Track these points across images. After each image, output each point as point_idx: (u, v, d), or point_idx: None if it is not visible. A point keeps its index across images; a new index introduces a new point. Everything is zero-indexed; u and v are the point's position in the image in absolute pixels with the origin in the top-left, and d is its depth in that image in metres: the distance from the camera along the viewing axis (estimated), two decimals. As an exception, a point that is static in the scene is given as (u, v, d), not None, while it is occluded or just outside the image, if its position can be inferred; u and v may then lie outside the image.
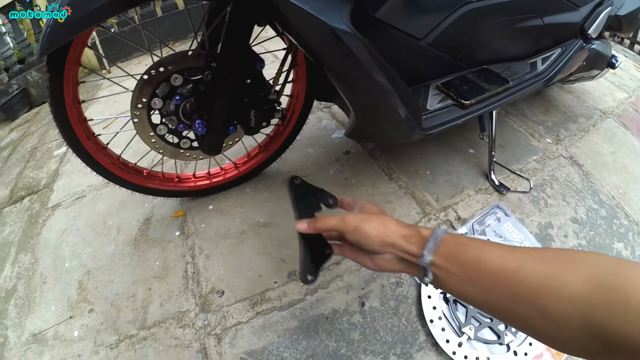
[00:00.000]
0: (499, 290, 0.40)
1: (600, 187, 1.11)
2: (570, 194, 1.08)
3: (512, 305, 0.39)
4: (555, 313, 0.36)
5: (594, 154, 1.23)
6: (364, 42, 0.58)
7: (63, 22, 0.61)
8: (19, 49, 2.51)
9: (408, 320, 0.79)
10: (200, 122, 0.73)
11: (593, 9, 1.10)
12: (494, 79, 0.96)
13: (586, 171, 1.16)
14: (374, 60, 0.60)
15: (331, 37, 0.55)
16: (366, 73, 0.62)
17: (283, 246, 0.94)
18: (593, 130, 1.34)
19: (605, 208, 1.05)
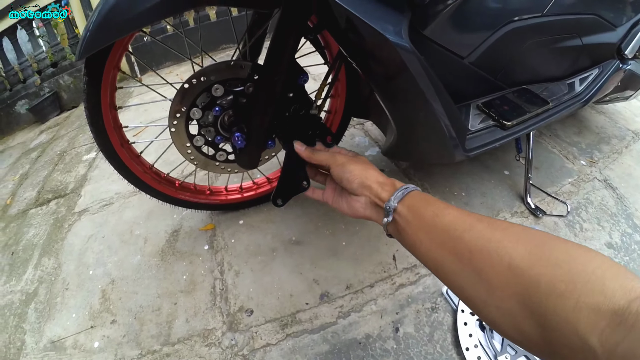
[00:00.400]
0: (446, 246, 0.40)
1: (634, 210, 1.05)
2: (605, 218, 1.02)
3: (454, 264, 0.39)
4: (493, 279, 0.35)
5: (627, 176, 1.17)
6: (420, 58, 0.54)
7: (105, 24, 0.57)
8: (52, 53, 2.56)
9: (443, 348, 0.73)
10: (240, 135, 0.69)
11: (630, 29, 1.07)
12: (534, 99, 0.92)
13: (620, 194, 1.10)
14: (428, 77, 0.57)
15: (389, 52, 0.51)
16: (418, 89, 0.58)
17: (315, 266, 0.89)
18: (626, 152, 1.28)
19: (639, 232, 0.98)
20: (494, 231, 0.38)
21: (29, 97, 2.43)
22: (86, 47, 0.58)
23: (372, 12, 0.50)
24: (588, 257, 0.31)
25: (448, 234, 0.41)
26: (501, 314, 0.35)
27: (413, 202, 0.47)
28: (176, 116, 0.72)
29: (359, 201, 0.53)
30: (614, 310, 0.27)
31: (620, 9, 1.01)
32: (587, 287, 0.29)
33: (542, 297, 0.31)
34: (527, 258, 0.33)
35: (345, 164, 0.56)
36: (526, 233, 0.37)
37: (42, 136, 2.13)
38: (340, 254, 0.91)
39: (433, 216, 0.43)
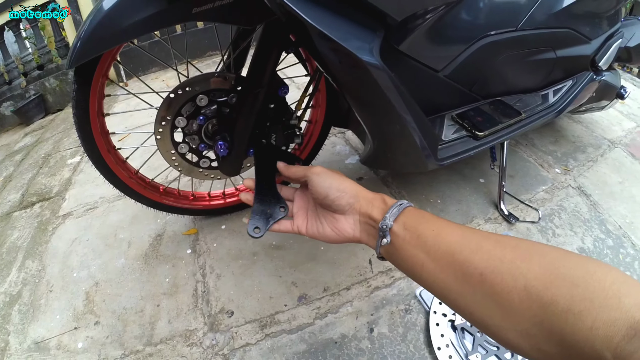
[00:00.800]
0: (452, 269, 0.38)
1: (607, 217, 1.12)
2: (577, 224, 1.08)
3: (462, 287, 0.37)
4: (508, 301, 0.33)
5: (602, 183, 1.24)
6: (391, 75, 0.60)
7: (95, 35, 0.61)
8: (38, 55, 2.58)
9: (416, 347, 0.78)
10: (223, 144, 0.74)
11: (604, 42, 1.14)
12: (507, 110, 0.98)
13: (594, 201, 1.17)
14: (398, 92, 0.62)
15: (360, 69, 0.56)
16: (389, 104, 0.63)
17: (294, 270, 0.94)
18: (601, 160, 1.36)
19: (612, 238, 1.05)
20: (504, 250, 0.36)
21: (14, 99, 2.44)
22: (77, 57, 0.62)
23: (344, 32, 0.55)
24: (603, 273, 0.31)
25: (454, 255, 0.38)
26: (519, 336, 0.33)
27: (409, 220, 0.44)
28: (162, 124, 0.77)
29: (347, 221, 0.48)
30: (629, 325, 0.27)
31: (595, 23, 1.08)
32: (604, 304, 0.29)
33: (560, 318, 0.30)
34: (542, 278, 0.32)
35: (326, 173, 0.50)
36: (537, 250, 0.35)
37: (26, 139, 2.14)
38: (318, 258, 0.96)
39: (435, 235, 0.40)
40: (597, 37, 1.09)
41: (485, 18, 0.88)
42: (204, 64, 2.60)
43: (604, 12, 1.10)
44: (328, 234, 0.49)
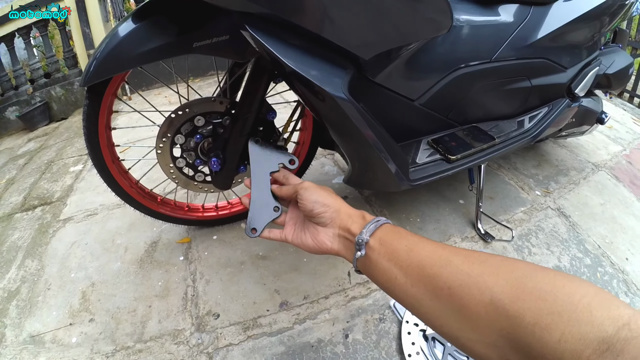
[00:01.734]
0: (422, 283, 0.40)
1: (586, 237, 1.19)
2: (555, 244, 1.16)
3: (432, 301, 0.39)
4: (476, 314, 0.35)
5: (582, 205, 1.32)
6: (358, 107, 0.71)
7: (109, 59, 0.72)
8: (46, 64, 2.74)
9: (388, 354, 0.87)
10: (216, 160, 0.86)
11: (580, 70, 1.23)
12: (481, 136, 1.09)
13: (573, 222, 1.25)
14: (365, 121, 0.73)
15: (330, 102, 0.68)
16: (358, 132, 0.74)
17: (278, 278, 1.04)
18: (584, 182, 1.44)
19: (590, 257, 1.12)
20: (471, 264, 0.38)
21: (20, 105, 2.60)
22: (91, 77, 0.74)
23: (315, 69, 0.66)
24: (573, 287, 0.32)
25: (424, 269, 0.41)
26: (487, 348, 0.35)
27: (385, 235, 0.47)
28: (163, 140, 0.89)
29: (326, 234, 0.53)
30: (601, 339, 0.28)
31: (572, 53, 1.17)
32: (573, 317, 0.30)
33: (527, 331, 0.31)
34: (509, 291, 0.34)
35: (314, 187, 0.56)
36: (505, 264, 0.37)
37: (30, 144, 2.28)
38: (301, 268, 1.07)
39: (407, 251, 0.43)
40: (573, 66, 1.18)
41: (459, 51, 0.99)
42: (206, 83, 2.78)
43: (581, 43, 1.18)
44: (309, 243, 0.55)
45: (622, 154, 1.66)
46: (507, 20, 1.05)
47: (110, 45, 0.73)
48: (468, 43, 1.01)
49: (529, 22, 1.06)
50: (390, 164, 0.82)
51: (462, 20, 0.97)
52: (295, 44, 0.67)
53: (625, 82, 1.48)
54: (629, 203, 1.37)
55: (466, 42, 1.01)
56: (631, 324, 0.28)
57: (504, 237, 1.17)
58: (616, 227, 1.24)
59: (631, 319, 0.28)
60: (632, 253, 1.16)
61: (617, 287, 1.05)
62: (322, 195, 0.56)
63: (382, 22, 0.71)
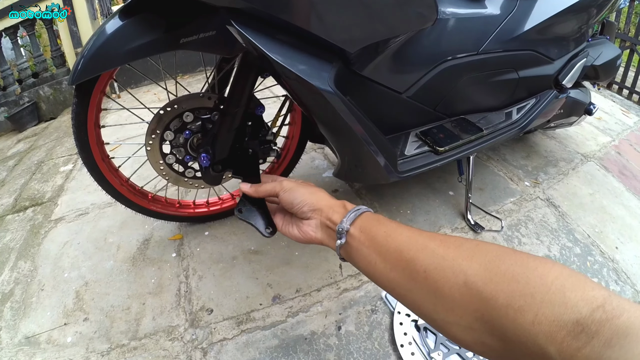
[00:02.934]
0: (400, 267, 0.42)
1: (576, 226, 1.22)
2: (544, 233, 1.18)
3: (409, 284, 0.41)
4: (449, 297, 0.36)
5: (572, 195, 1.34)
6: (345, 100, 0.72)
7: (97, 57, 0.72)
8: (34, 63, 2.71)
9: (380, 345, 0.89)
10: (206, 156, 0.86)
11: (568, 61, 1.24)
12: (469, 128, 1.10)
13: (562, 212, 1.27)
14: (353, 114, 0.74)
15: (317, 96, 0.69)
16: (346, 125, 0.75)
17: (270, 272, 1.06)
18: (573, 173, 1.47)
19: (580, 246, 1.14)
20: (447, 249, 0.39)
21: (8, 105, 2.57)
22: (79, 75, 0.73)
23: (301, 63, 0.67)
24: (546, 268, 0.32)
25: (401, 254, 0.42)
26: (462, 330, 0.36)
27: (365, 223, 0.49)
28: (152, 137, 0.90)
29: (309, 225, 0.55)
30: (575, 320, 0.28)
31: (559, 44, 1.18)
32: (546, 299, 0.30)
33: (500, 313, 0.32)
34: (482, 274, 0.34)
35: (293, 189, 0.57)
36: (480, 248, 0.38)
37: (19, 145, 2.26)
38: (293, 262, 1.08)
39: (385, 236, 0.45)
40: (560, 58, 1.19)
41: (446, 44, 1.00)
42: (195, 79, 2.76)
43: (568, 35, 1.20)
44: (295, 233, 0.58)
45: (611, 145, 1.69)
46: (493, 12, 1.06)
47: (98, 42, 0.72)
48: (455, 35, 1.02)
49: (515, 14, 1.07)
50: (378, 156, 0.84)
51: (449, 12, 0.98)
52: (282, 39, 0.67)
53: (612, 73, 1.50)
54: (618, 193, 1.39)
55: (453, 34, 1.02)
56: (605, 306, 0.28)
57: (494, 227, 1.19)
58: (606, 217, 1.27)
59: (606, 301, 0.28)
60: (622, 242, 1.18)
61: (607, 275, 1.07)
62: (299, 194, 0.57)
63: (366, 16, 0.72)
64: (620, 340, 0.26)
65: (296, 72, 0.66)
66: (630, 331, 0.26)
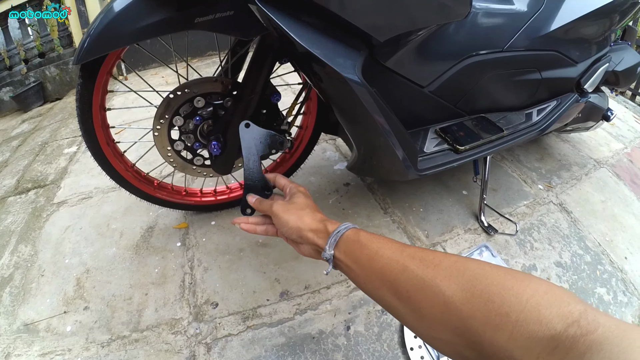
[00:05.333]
0: (385, 287, 0.44)
1: (587, 233, 1.17)
2: (556, 239, 1.14)
3: (395, 302, 0.43)
4: (430, 315, 0.38)
5: (584, 201, 1.29)
6: (371, 91, 0.67)
7: (104, 36, 0.66)
8: (41, 43, 2.63)
9: (390, 347, 0.84)
10: (217, 144, 0.81)
11: (590, 65, 1.19)
12: (490, 127, 1.05)
13: (575, 218, 1.22)
14: (378, 107, 0.69)
15: (343, 85, 0.63)
16: (370, 117, 0.70)
17: (278, 267, 1.00)
18: (585, 179, 1.42)
19: (591, 254, 1.10)
20: (426, 269, 0.40)
21: (14, 85, 2.50)
22: (84, 54, 0.67)
23: (329, 50, 0.62)
24: (522, 287, 0.33)
25: (385, 276, 0.44)
26: (443, 343, 0.39)
27: (347, 247, 0.50)
28: (160, 122, 0.84)
29: (304, 247, 0.58)
30: (550, 336, 0.28)
31: (582, 47, 1.14)
32: (521, 317, 0.31)
33: (478, 330, 0.33)
34: (460, 294, 0.36)
35: (279, 216, 0.59)
36: (458, 266, 0.39)
37: (24, 125, 2.20)
38: (302, 257, 0.98)
39: (368, 259, 0.47)
40: (584, 61, 1.15)
41: (472, 39, 0.94)
42: (204, 63, 2.68)
43: (592, 38, 1.15)
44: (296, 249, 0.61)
45: (623, 152, 1.63)
46: (521, 9, 1.01)
47: (105, 20, 0.66)
48: (481, 30, 0.97)
49: (542, 12, 1.02)
50: (399, 151, 0.78)
51: (477, 7, 0.93)
52: (308, 21, 0.61)
53: (633, 80, 1.46)
54: (629, 202, 1.34)
55: (479, 29, 0.97)
56: (581, 321, 0.28)
57: (507, 230, 1.14)
58: (616, 226, 1.22)
59: (581, 316, 0.29)
60: (631, 252, 1.14)
61: (615, 285, 1.03)
62: (285, 221, 0.58)
63: (401, 4, 0.66)
64: (593, 355, 0.26)
65: (322, 59, 0.60)
66: (604, 346, 0.26)
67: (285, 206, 0.60)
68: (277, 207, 0.61)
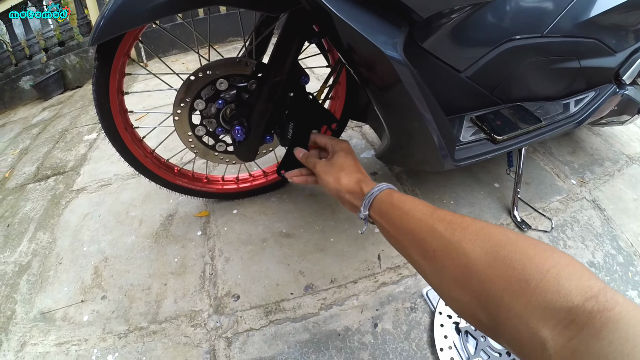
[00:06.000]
0: (414, 246, 0.46)
1: (620, 233, 1.10)
2: (589, 238, 1.07)
3: (422, 260, 0.45)
4: (453, 276, 0.39)
5: (617, 199, 1.21)
6: (413, 71, 0.59)
7: (120, 14, 0.61)
8: (60, 32, 2.61)
9: (418, 347, 0.78)
10: (240, 129, 0.75)
11: (629, 56, 1.11)
12: (527, 117, 0.97)
13: (607, 216, 1.14)
14: (420, 89, 0.62)
15: (384, 63, 0.56)
16: (410, 100, 0.63)
17: (303, 259, 0.94)
18: (618, 175, 1.33)
19: (623, 255, 1.03)
20: (453, 232, 0.41)
21: (34, 74, 2.49)
22: (100, 34, 0.62)
23: (370, 26, 0.55)
24: (544, 257, 0.33)
25: (414, 235, 0.46)
26: (460, 305, 0.39)
27: (381, 207, 0.53)
28: (180, 105, 0.78)
29: (345, 205, 0.62)
30: (567, 308, 0.28)
31: (622, 36, 1.05)
32: (540, 285, 0.30)
33: (497, 295, 0.33)
34: (483, 258, 0.36)
35: (321, 177, 0.63)
36: (484, 232, 0.39)
37: (44, 113, 2.18)
38: (327, 249, 0.96)
39: (400, 219, 0.49)
40: (623, 50, 1.07)
41: (511, 21, 0.87)
42: (224, 50, 2.61)
43: (631, 26, 1.07)
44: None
45: (656, 149, 1.52)
46: (560, -8, 0.91)
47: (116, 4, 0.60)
48: (520, 14, 0.89)
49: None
50: (438, 139, 0.71)
51: (517, -12, 0.84)
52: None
53: None
54: (661, 202, 1.25)
55: (518, 13, 0.88)
56: (599, 297, 0.28)
57: (541, 226, 1.06)
58: (648, 226, 1.13)
59: (600, 292, 0.28)
60: (663, 254, 1.05)
61: (646, 289, 0.95)
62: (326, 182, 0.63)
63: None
64: (609, 335, 0.26)
65: (364, 34, 0.53)
66: (621, 325, 0.26)
67: (326, 167, 0.64)
68: (320, 167, 0.65)
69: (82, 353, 0.80)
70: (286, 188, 1.14)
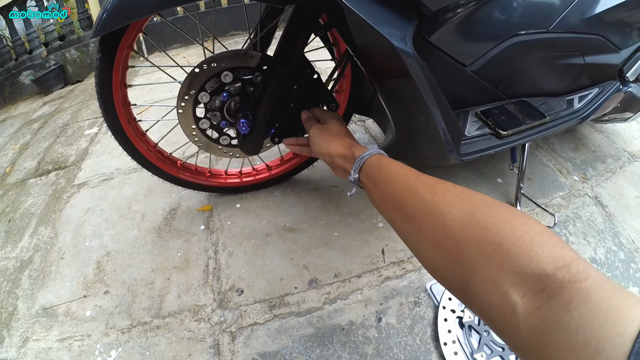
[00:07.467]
0: (395, 209, 0.47)
1: (621, 229, 1.09)
2: (591, 234, 1.06)
3: (402, 223, 0.45)
4: (430, 237, 0.40)
5: (619, 196, 1.21)
6: (422, 64, 0.59)
7: (123, 5, 0.60)
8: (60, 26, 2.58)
9: (422, 341, 0.78)
10: (245, 122, 0.73)
11: (634, 53, 1.10)
12: (532, 112, 0.96)
13: (609, 212, 1.14)
14: (428, 82, 0.61)
15: (393, 55, 0.55)
16: (418, 93, 0.62)
17: (306, 253, 0.93)
18: (620, 172, 1.33)
19: (624, 251, 1.03)
20: (433, 194, 0.42)
21: (34, 68, 2.46)
22: (103, 26, 0.61)
23: (380, 18, 0.54)
24: (519, 222, 0.33)
25: (397, 198, 0.47)
26: (435, 267, 0.40)
27: (369, 171, 0.55)
28: (184, 98, 0.76)
29: (336, 170, 0.64)
30: (539, 275, 0.28)
31: (626, 33, 1.04)
32: (513, 249, 0.30)
33: (469, 257, 0.33)
34: (459, 220, 0.36)
35: (313, 140, 0.66)
36: (463, 196, 0.40)
37: (45, 108, 2.16)
38: (331, 243, 0.95)
39: (385, 183, 0.50)
40: (627, 47, 1.06)
41: (517, 17, 0.86)
42: (226, 43, 2.55)
43: (636, 23, 1.06)
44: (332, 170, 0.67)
45: (657, 147, 1.52)
46: (566, -12, 0.91)
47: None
48: (526, 9, 0.88)
49: (588, -8, 0.92)
50: (444, 133, 0.70)
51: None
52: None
53: None
54: (663, 199, 1.25)
55: (524, 8, 0.88)
56: (571, 267, 0.27)
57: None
58: (650, 223, 1.13)
59: (572, 262, 0.28)
60: (663, 252, 1.05)
61: (647, 286, 0.95)
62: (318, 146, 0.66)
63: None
64: (579, 307, 0.25)
65: (375, 26, 0.52)
66: (592, 298, 0.25)
67: (319, 130, 0.67)
68: (314, 130, 0.68)
69: (85, 348, 0.79)
70: (290, 182, 1.13)
